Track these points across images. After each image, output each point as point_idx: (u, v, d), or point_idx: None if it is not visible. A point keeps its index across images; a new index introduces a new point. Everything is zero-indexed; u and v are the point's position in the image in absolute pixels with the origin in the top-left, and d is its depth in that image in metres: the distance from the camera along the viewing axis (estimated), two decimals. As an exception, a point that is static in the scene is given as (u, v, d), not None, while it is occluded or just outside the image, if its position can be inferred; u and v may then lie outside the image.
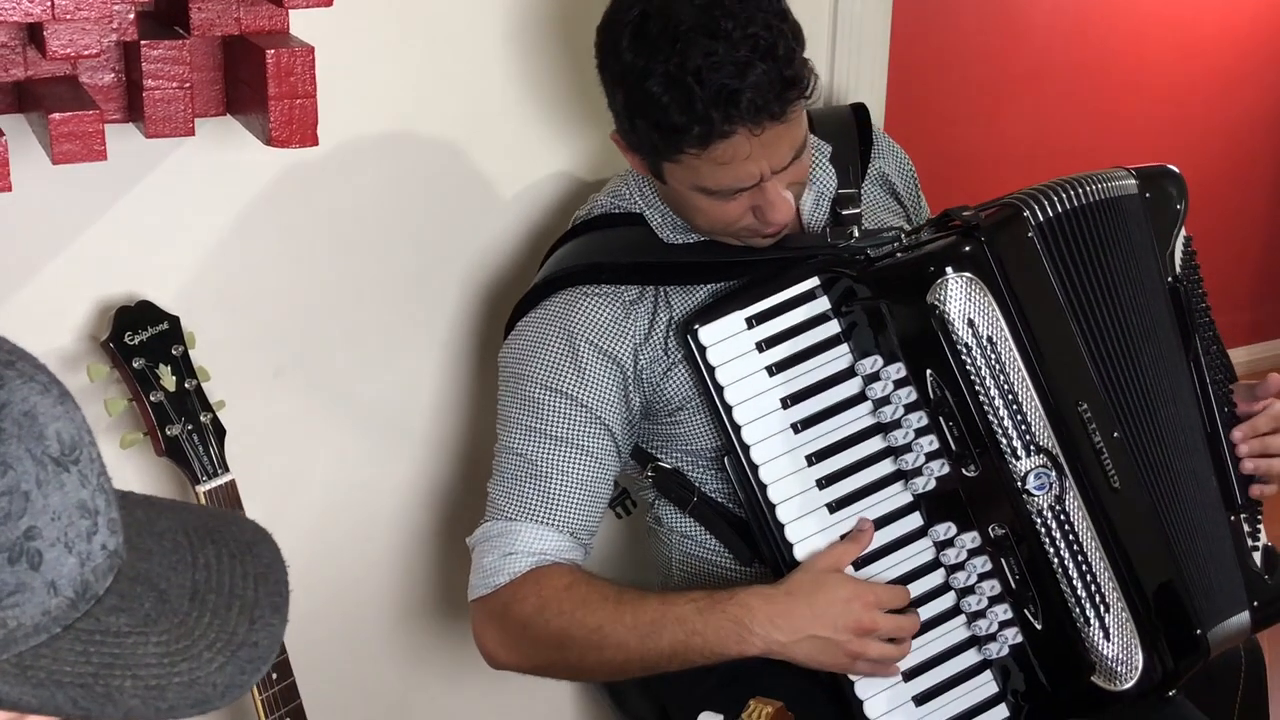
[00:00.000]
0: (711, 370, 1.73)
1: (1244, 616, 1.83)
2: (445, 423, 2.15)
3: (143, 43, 1.60)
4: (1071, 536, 1.74)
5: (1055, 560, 1.74)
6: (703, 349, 1.73)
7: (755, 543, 1.79)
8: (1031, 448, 1.72)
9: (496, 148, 2.06)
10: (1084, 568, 1.74)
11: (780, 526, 1.73)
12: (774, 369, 1.74)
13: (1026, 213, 1.75)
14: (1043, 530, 1.74)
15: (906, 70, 3.04)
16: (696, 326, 1.73)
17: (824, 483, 1.75)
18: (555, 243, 1.94)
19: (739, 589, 1.72)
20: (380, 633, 2.21)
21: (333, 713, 2.16)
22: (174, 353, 1.82)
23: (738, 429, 1.73)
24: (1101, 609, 1.74)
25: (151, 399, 1.80)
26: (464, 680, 2.28)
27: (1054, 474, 1.73)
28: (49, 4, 1.46)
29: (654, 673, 1.79)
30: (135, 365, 1.79)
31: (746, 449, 1.73)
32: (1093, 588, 1.74)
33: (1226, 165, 4.36)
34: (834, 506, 1.75)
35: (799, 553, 1.74)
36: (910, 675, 1.76)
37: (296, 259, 1.97)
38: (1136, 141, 4.15)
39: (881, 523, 1.75)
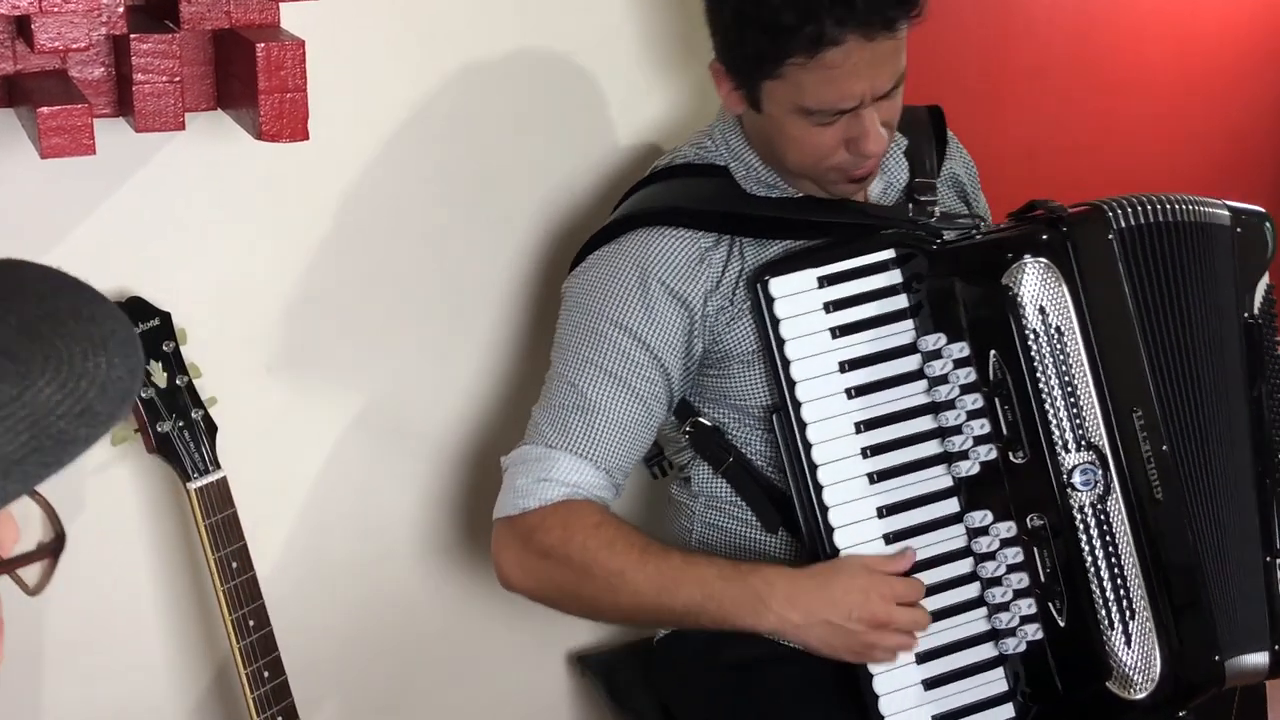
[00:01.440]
0: (776, 323, 1.73)
1: (1263, 657, 1.82)
2: (440, 419, 2.14)
3: (132, 36, 1.59)
4: (1108, 537, 1.74)
5: (1089, 558, 1.74)
6: (771, 300, 1.73)
7: (785, 509, 1.79)
8: (1083, 443, 1.74)
9: (493, 141, 2.05)
10: (1116, 570, 1.74)
11: (820, 489, 1.73)
12: (837, 332, 1.74)
13: (1110, 215, 1.78)
14: (1081, 526, 1.74)
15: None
16: (768, 277, 1.73)
17: (868, 452, 1.74)
18: (631, 188, 1.93)
19: (763, 564, 1.74)
20: (374, 631, 2.20)
21: (325, 712, 2.15)
22: (165, 349, 1.81)
23: (792, 385, 1.73)
24: (1127, 614, 1.75)
25: (142, 396, 1.79)
26: (458, 679, 2.27)
27: (1100, 472, 1.74)
28: (36, -4, 1.46)
29: (658, 627, 1.80)
30: None
31: (798, 406, 1.73)
32: (1121, 591, 1.74)
33: (1227, 163, 4.34)
34: (874, 478, 1.75)
35: (834, 518, 1.74)
36: (923, 659, 1.76)
37: (289, 254, 1.96)
38: (1136, 140, 4.13)
39: (918, 502, 1.76)
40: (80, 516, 1.91)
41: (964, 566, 1.77)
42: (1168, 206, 1.80)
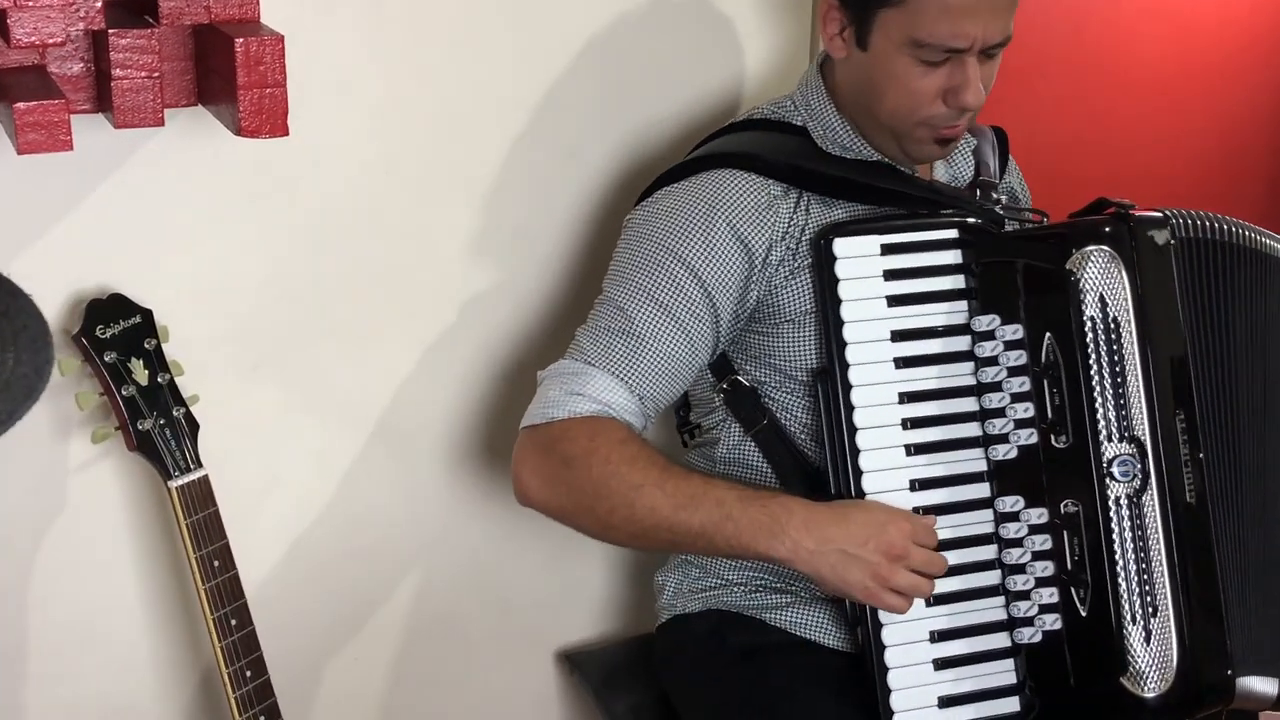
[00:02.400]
0: (835, 282, 1.75)
1: (1273, 685, 1.82)
2: (426, 418, 2.13)
3: (110, 31, 1.58)
4: (1140, 532, 1.75)
5: (1119, 550, 1.75)
6: (833, 259, 1.75)
7: (813, 481, 1.80)
8: (1126, 435, 1.75)
9: (476, 135, 2.04)
10: (1144, 565, 1.75)
11: (856, 453, 1.75)
12: (893, 301, 1.77)
13: (1173, 223, 1.79)
14: (1114, 517, 1.75)
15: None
16: (833, 236, 1.76)
17: (909, 424, 1.76)
18: (706, 138, 1.95)
19: (783, 493, 1.76)
20: (358, 632, 2.19)
21: (308, 712, 2.15)
22: (146, 346, 1.80)
23: (843, 346, 1.75)
24: (1149, 611, 1.75)
25: (123, 393, 1.79)
26: (445, 679, 2.27)
27: (1139, 466, 1.75)
28: (10, -10, 1.45)
29: (672, 549, 1.84)
30: (107, 359, 1.78)
31: (846, 368, 1.75)
32: (1147, 587, 1.75)
33: (1223, 160, 4.33)
34: (911, 450, 1.77)
35: (866, 483, 1.75)
36: (936, 638, 1.77)
37: (272, 250, 1.95)
38: (1131, 137, 4.12)
39: (951, 481, 1.78)
40: (61, 515, 1.90)
41: (988, 552, 1.79)
42: (1232, 228, 1.82)
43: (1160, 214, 1.81)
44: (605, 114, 2.12)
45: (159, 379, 1.81)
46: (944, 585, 1.76)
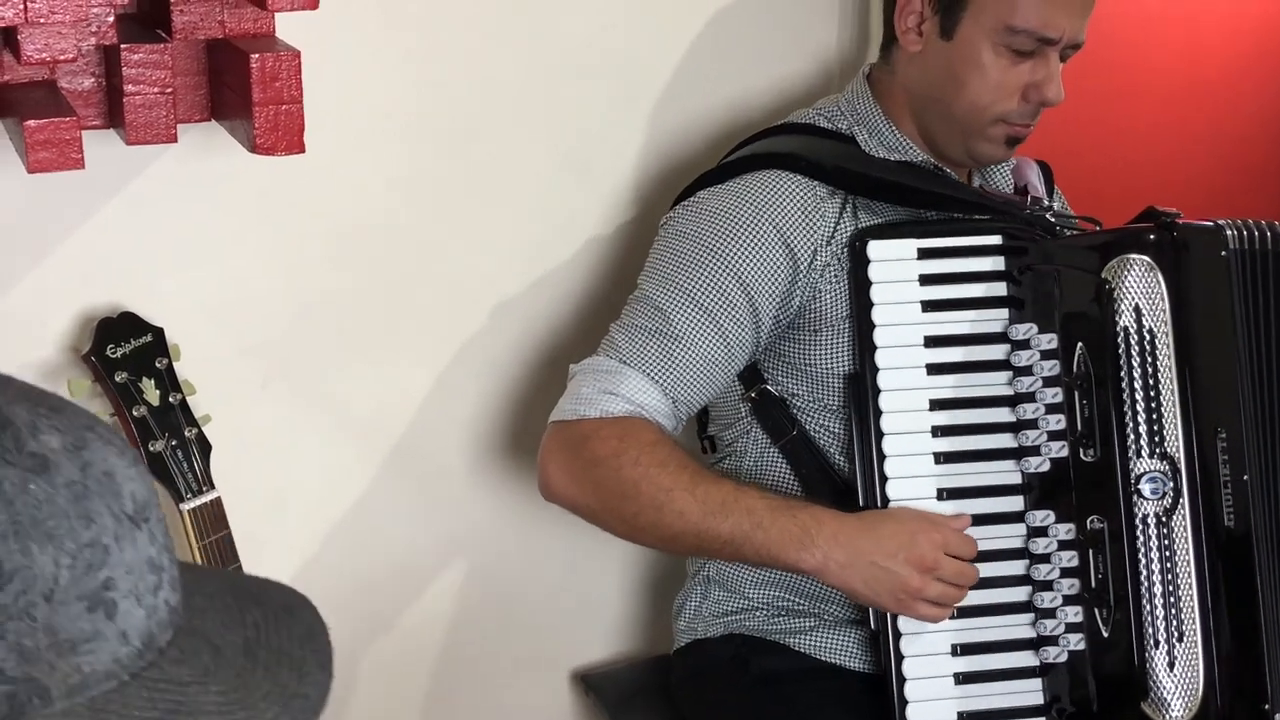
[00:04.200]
0: (868, 285, 1.74)
1: None
2: (441, 436, 2.11)
3: (123, 47, 1.58)
4: (1168, 553, 1.71)
5: (1144, 571, 1.71)
6: (866, 262, 1.74)
7: (842, 496, 1.77)
8: (1157, 451, 1.71)
9: (491, 150, 2.02)
10: (1170, 588, 1.71)
11: (883, 458, 1.73)
12: (928, 306, 1.75)
13: (1230, 233, 1.75)
14: (1141, 536, 1.71)
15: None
16: (868, 239, 1.75)
17: (938, 432, 1.74)
18: (746, 139, 1.92)
19: (813, 504, 1.73)
20: (372, 650, 2.17)
21: (322, 735, 2.12)
22: (158, 366, 1.78)
23: (873, 350, 1.74)
24: (1174, 636, 1.70)
25: (134, 414, 1.76)
26: (459, 699, 2.24)
27: (1171, 484, 1.71)
28: (21, 7, 1.44)
29: (699, 555, 1.82)
30: (118, 379, 1.75)
31: (875, 372, 1.73)
32: (1173, 611, 1.70)
33: (1234, 168, 4.30)
34: (940, 459, 1.74)
35: (892, 490, 1.73)
36: (958, 652, 1.74)
37: (284, 268, 1.93)
38: (1141, 145, 4.10)
39: (981, 492, 1.75)
40: (71, 538, 1.87)
41: (1017, 567, 1.76)
42: None
43: (1214, 224, 1.77)
44: (624, 123, 2.10)
45: (171, 399, 1.79)
46: (968, 598, 1.73)
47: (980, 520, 1.74)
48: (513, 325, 2.10)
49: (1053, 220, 1.82)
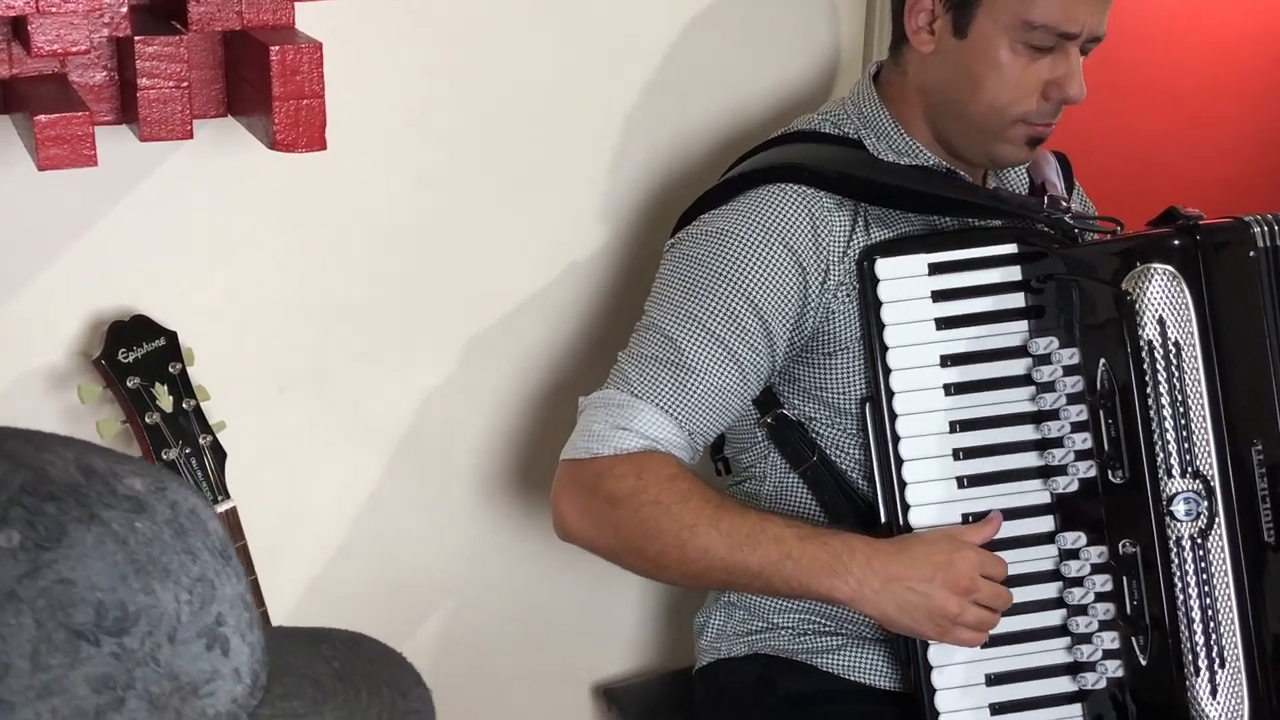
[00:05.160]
0: (878, 306, 1.69)
1: None
2: (460, 443, 2.09)
3: (136, 39, 1.55)
4: (1205, 576, 1.66)
5: (1180, 596, 1.66)
6: (875, 281, 1.69)
7: (866, 516, 1.73)
8: (1189, 470, 1.66)
9: (516, 148, 2.00)
10: (1209, 613, 1.66)
11: (903, 485, 1.69)
12: (943, 323, 1.70)
13: (1257, 231, 1.69)
14: (1175, 560, 1.66)
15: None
16: (876, 257, 1.70)
17: (961, 454, 1.70)
18: (746, 153, 1.87)
19: (842, 530, 1.69)
20: (390, 664, 2.12)
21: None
22: (171, 371, 1.76)
23: (887, 373, 1.69)
24: (1216, 662, 1.66)
25: (147, 421, 1.74)
26: (479, 712, 2.21)
27: (1205, 504, 1.66)
28: (32, -5, 1.41)
29: (729, 588, 1.78)
30: (130, 384, 1.73)
31: (890, 396, 1.69)
32: (1212, 637, 1.66)
33: (1259, 173, 4.28)
34: (964, 482, 1.70)
35: (915, 518, 1.69)
36: (993, 681, 1.70)
37: (302, 269, 1.91)
38: (1162, 150, 4.08)
39: (1008, 515, 1.70)
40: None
41: (1050, 590, 1.71)
42: None
43: (1238, 221, 1.70)
44: (646, 126, 2.07)
45: (184, 405, 1.76)
46: (1001, 625, 1.68)
47: (1010, 543, 1.69)
48: (537, 327, 2.08)
49: (1072, 223, 1.76)
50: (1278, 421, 1.68)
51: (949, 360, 1.69)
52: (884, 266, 1.69)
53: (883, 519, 1.70)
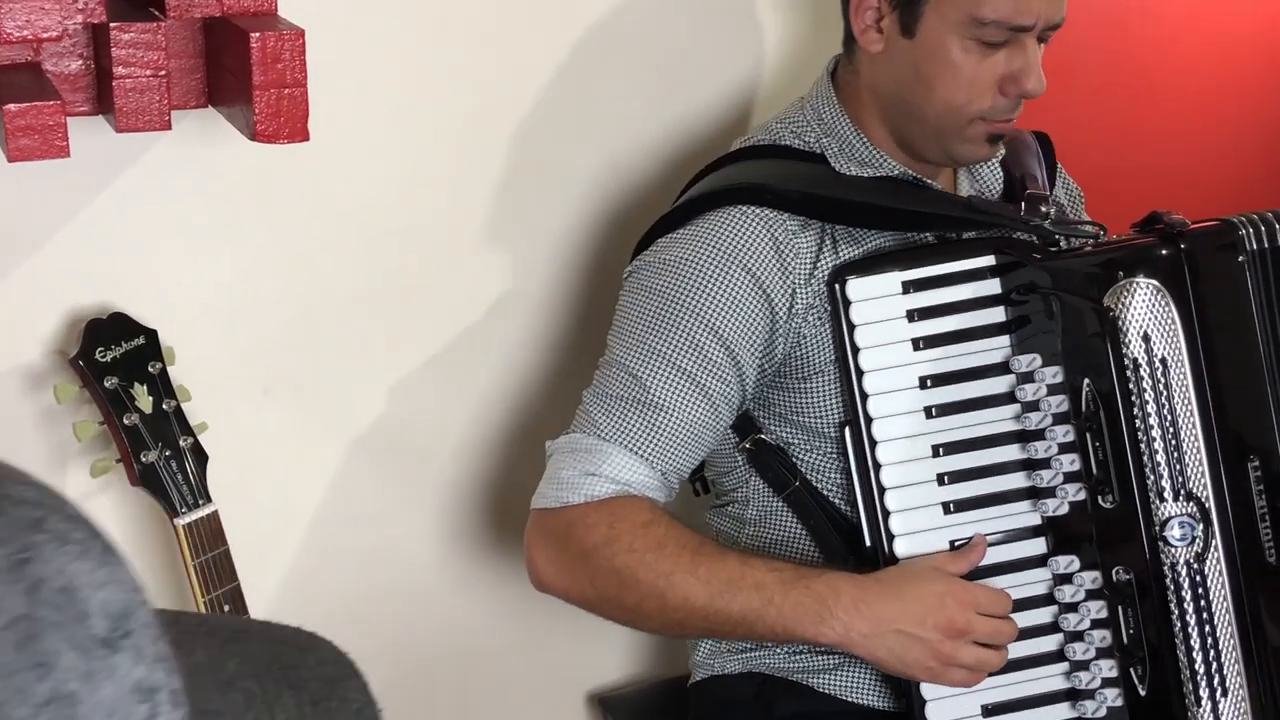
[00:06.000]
0: (851, 328, 1.64)
1: None
2: (449, 445, 2.07)
3: (112, 25, 1.54)
4: (1203, 602, 1.61)
5: (1178, 623, 1.61)
6: (847, 303, 1.65)
7: (853, 538, 1.69)
8: (1181, 492, 1.61)
9: (504, 141, 1.98)
10: (1209, 640, 1.61)
11: (886, 514, 1.64)
12: (920, 343, 1.65)
13: (1244, 233, 1.64)
14: (1171, 586, 1.61)
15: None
16: (847, 277, 1.65)
17: (945, 479, 1.65)
18: (705, 168, 1.81)
19: (826, 570, 1.64)
20: (379, 671, 2.06)
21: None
22: (150, 370, 1.74)
23: (864, 398, 1.65)
24: (1218, 690, 1.61)
25: (125, 422, 1.72)
26: (470, 722, 2.20)
27: (1201, 527, 1.61)
28: (0, -21, 1.40)
29: (711, 636, 1.74)
30: (107, 385, 1.71)
31: (869, 422, 1.64)
32: (1213, 665, 1.61)
33: (1259, 173, 4.27)
34: (950, 508, 1.65)
35: (900, 547, 1.65)
36: (990, 711, 1.66)
37: (286, 265, 1.89)
38: (1162, 150, 4.06)
39: (1000, 540, 1.66)
40: (57, 555, 1.80)
41: (1045, 615, 1.66)
42: None
43: (1223, 224, 1.65)
44: (641, 117, 2.05)
45: (164, 406, 1.74)
46: None
47: (1002, 569, 1.65)
48: (527, 324, 2.06)
49: (1052, 229, 1.69)
50: (1275, 435, 1.63)
51: (929, 381, 1.64)
52: (856, 287, 1.64)
53: (868, 543, 1.66)
